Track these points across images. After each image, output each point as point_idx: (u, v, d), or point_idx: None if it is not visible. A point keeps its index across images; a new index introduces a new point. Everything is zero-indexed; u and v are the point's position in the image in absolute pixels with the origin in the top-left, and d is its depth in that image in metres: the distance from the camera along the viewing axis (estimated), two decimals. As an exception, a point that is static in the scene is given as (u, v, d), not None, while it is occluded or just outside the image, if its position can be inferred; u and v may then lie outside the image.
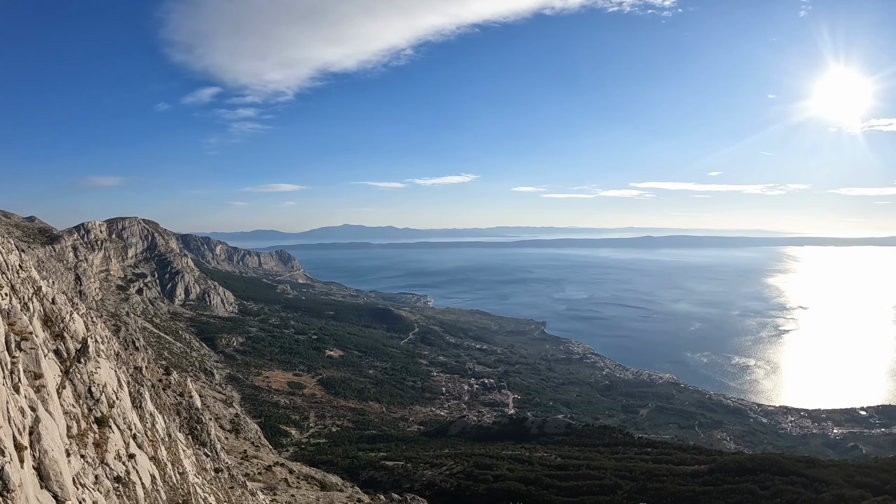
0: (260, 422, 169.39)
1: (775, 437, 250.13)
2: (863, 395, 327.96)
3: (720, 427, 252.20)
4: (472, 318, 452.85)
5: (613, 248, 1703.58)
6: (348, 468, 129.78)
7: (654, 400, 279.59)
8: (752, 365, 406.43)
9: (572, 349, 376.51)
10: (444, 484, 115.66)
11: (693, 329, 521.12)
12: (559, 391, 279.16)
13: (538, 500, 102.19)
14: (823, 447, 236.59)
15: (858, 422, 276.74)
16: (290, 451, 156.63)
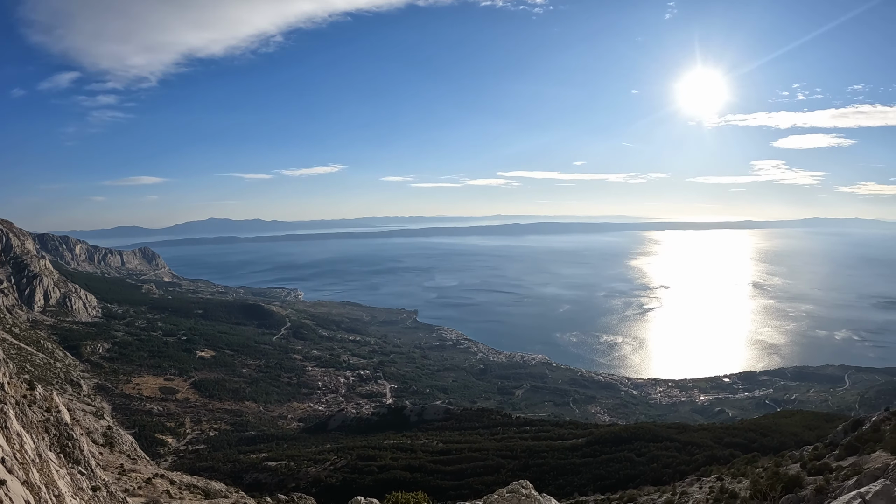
0: (134, 432, 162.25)
1: (647, 407, 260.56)
2: (725, 363, 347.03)
3: (594, 402, 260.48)
4: (344, 310, 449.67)
5: (482, 235, 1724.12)
6: (231, 473, 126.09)
7: (528, 380, 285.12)
8: (620, 342, 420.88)
9: (445, 336, 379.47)
10: (329, 479, 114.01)
11: (562, 311, 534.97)
12: (435, 378, 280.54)
13: (425, 487, 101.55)
14: (692, 413, 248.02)
15: (723, 388, 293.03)
16: (168, 460, 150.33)
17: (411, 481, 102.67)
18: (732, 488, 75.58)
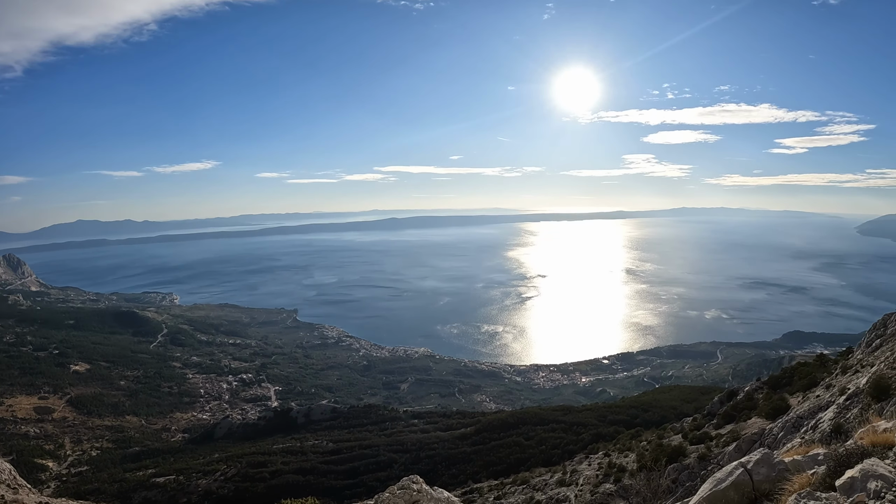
0: (12, 459, 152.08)
1: (531, 392, 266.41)
2: (604, 346, 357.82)
3: (479, 390, 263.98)
4: (223, 312, 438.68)
5: (359, 231, 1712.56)
6: (119, 493, 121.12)
7: (413, 374, 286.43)
8: (500, 331, 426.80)
9: (327, 334, 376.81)
10: (221, 490, 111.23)
11: (442, 303, 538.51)
12: (320, 377, 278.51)
13: (319, 488, 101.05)
14: (576, 395, 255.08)
15: (603, 369, 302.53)
16: (51, 486, 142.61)
17: (304, 484, 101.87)
18: (620, 462, 78.19)
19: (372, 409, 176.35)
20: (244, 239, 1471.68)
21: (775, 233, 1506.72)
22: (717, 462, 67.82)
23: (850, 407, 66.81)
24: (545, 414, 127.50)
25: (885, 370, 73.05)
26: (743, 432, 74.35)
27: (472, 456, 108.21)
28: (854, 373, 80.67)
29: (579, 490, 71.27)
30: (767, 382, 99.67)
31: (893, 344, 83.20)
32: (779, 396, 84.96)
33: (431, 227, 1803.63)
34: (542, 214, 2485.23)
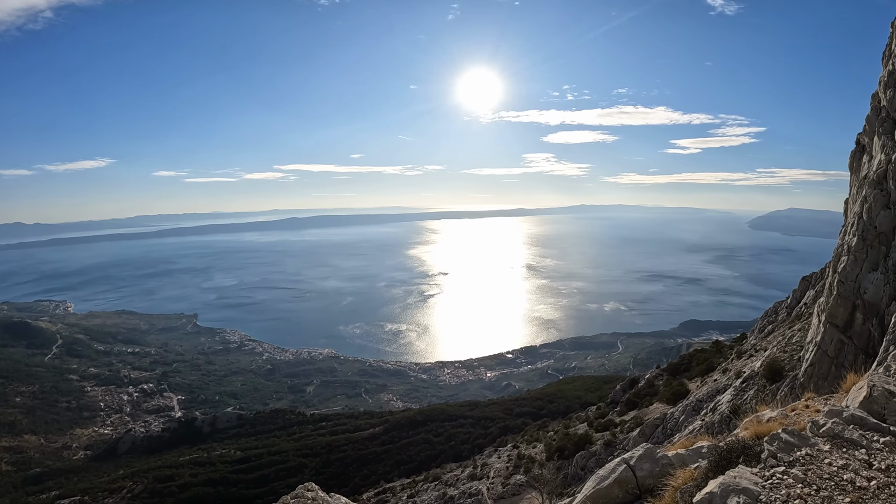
0: None
1: (437, 389, 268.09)
2: (507, 340, 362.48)
3: (385, 390, 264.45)
4: (120, 319, 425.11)
5: (259, 231, 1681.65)
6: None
7: (318, 376, 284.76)
8: (404, 329, 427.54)
9: (229, 338, 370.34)
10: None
11: (345, 303, 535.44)
12: (223, 384, 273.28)
13: (230, 499, 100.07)
14: (482, 390, 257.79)
15: (507, 363, 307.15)
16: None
17: (215, 496, 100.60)
18: (529, 453, 79.93)
19: (279, 414, 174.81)
20: (140, 241, 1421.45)
21: (671, 228, 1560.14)
22: (623, 447, 70.21)
23: (747, 389, 70.16)
24: (453, 410, 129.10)
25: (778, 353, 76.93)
26: (646, 418, 77.16)
27: (383, 456, 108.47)
28: (749, 357, 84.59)
29: (491, 483, 72.50)
30: (667, 369, 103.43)
31: (784, 329, 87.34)
32: (678, 382, 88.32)
33: (332, 227, 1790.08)
34: (444, 212, 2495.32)
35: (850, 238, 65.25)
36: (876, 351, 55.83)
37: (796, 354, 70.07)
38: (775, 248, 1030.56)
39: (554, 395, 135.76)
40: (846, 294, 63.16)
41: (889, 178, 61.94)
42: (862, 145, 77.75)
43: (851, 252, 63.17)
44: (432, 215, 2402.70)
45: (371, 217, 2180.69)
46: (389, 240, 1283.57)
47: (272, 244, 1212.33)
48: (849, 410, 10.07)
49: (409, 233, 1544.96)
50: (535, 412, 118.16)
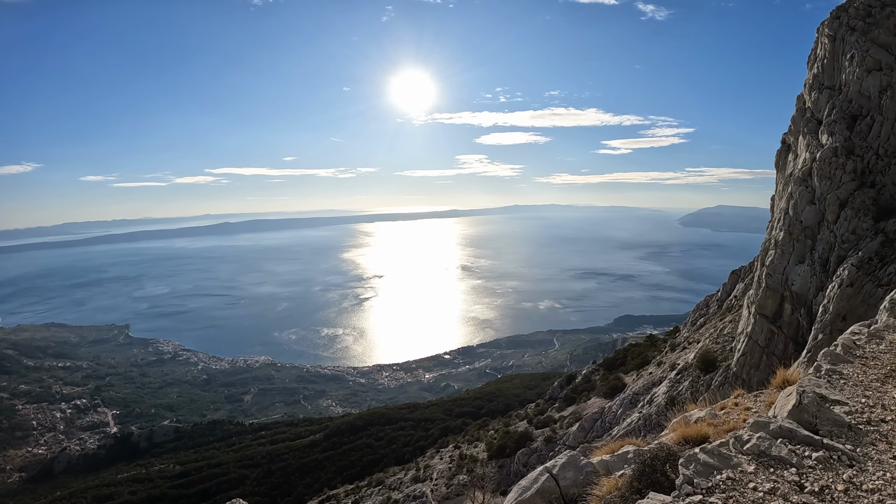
0: None
1: (376, 392, 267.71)
2: (445, 341, 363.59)
3: (324, 395, 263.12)
4: (49, 332, 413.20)
5: (191, 237, 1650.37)
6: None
7: (255, 384, 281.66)
8: (341, 334, 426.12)
9: (162, 349, 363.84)
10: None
11: (280, 309, 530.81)
12: (159, 396, 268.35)
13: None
14: (421, 392, 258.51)
15: (445, 364, 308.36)
16: None
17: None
18: (470, 453, 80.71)
19: (217, 425, 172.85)
20: (68, 249, 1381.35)
21: (603, 226, 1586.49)
22: (563, 442, 71.48)
23: (682, 380, 72.03)
24: (392, 413, 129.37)
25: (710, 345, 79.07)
26: (584, 413, 78.69)
27: (325, 462, 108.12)
28: (682, 349, 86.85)
29: (434, 485, 73.00)
30: (603, 364, 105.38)
31: (716, 321, 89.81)
32: (614, 376, 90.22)
33: (265, 231, 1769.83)
34: (378, 215, 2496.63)
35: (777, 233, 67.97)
36: (805, 339, 58.16)
37: (728, 345, 72.54)
38: (705, 243, 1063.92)
39: (493, 393, 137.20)
40: (774, 286, 65.66)
41: (814, 175, 64.93)
42: (787, 144, 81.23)
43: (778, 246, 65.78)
44: (366, 218, 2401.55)
45: (305, 220, 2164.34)
46: (324, 243, 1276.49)
47: (204, 250, 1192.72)
48: (776, 422, 9.05)
49: (343, 236, 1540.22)
50: (475, 412, 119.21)
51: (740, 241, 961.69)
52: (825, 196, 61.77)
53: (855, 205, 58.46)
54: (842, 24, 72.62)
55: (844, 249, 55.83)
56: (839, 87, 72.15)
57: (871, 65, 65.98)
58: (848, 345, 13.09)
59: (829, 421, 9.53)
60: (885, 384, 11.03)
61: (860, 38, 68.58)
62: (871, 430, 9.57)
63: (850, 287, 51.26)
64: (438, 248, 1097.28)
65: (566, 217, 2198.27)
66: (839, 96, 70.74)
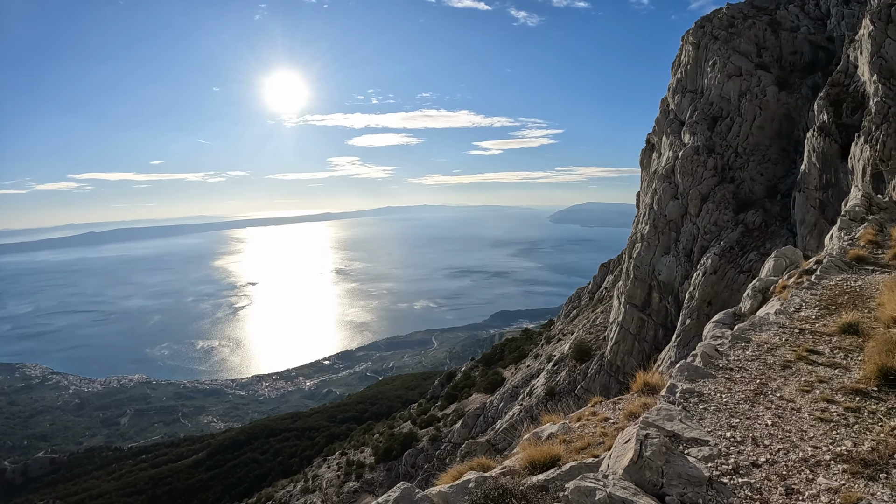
0: None
1: (257, 404, 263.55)
2: (323, 347, 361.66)
3: (204, 411, 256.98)
4: None
5: (54, 249, 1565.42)
6: None
7: (131, 405, 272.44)
8: (217, 345, 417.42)
9: (30, 374, 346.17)
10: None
11: (152, 323, 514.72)
12: (30, 426, 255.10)
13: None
14: (303, 400, 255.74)
15: (325, 370, 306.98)
16: None
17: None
18: (358, 458, 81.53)
19: (95, 453, 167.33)
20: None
21: (475, 226, 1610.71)
22: (448, 440, 73.11)
23: (559, 371, 74.75)
24: (275, 424, 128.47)
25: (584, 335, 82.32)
26: (466, 409, 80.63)
27: (211, 482, 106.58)
28: (558, 341, 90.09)
29: (325, 495, 73.49)
30: (482, 360, 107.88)
31: (588, 312, 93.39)
32: (494, 371, 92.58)
33: (133, 240, 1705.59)
34: (249, 220, 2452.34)
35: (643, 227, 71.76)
36: (674, 325, 61.68)
37: (601, 335, 76.05)
38: (575, 238, 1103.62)
39: (375, 396, 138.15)
40: (642, 277, 69.37)
41: (677, 172, 69.16)
42: (651, 144, 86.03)
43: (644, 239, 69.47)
44: (238, 223, 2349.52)
45: (174, 228, 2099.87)
46: (194, 251, 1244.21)
47: (69, 263, 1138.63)
48: (607, 486, 6.55)
49: (214, 243, 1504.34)
50: (359, 416, 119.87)
51: (609, 235, 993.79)
52: (688, 191, 66.05)
53: (716, 199, 62.92)
54: (706, 33, 78.60)
55: (707, 240, 59.93)
56: (701, 91, 77.50)
57: (731, 71, 71.50)
58: (709, 353, 11.52)
59: (681, 478, 7.01)
60: (754, 405, 9.29)
61: (722, 46, 74.31)
62: (739, 483, 7.23)
63: (713, 274, 55.27)
64: (312, 252, 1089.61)
65: (439, 217, 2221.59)
66: (701, 99, 75.92)
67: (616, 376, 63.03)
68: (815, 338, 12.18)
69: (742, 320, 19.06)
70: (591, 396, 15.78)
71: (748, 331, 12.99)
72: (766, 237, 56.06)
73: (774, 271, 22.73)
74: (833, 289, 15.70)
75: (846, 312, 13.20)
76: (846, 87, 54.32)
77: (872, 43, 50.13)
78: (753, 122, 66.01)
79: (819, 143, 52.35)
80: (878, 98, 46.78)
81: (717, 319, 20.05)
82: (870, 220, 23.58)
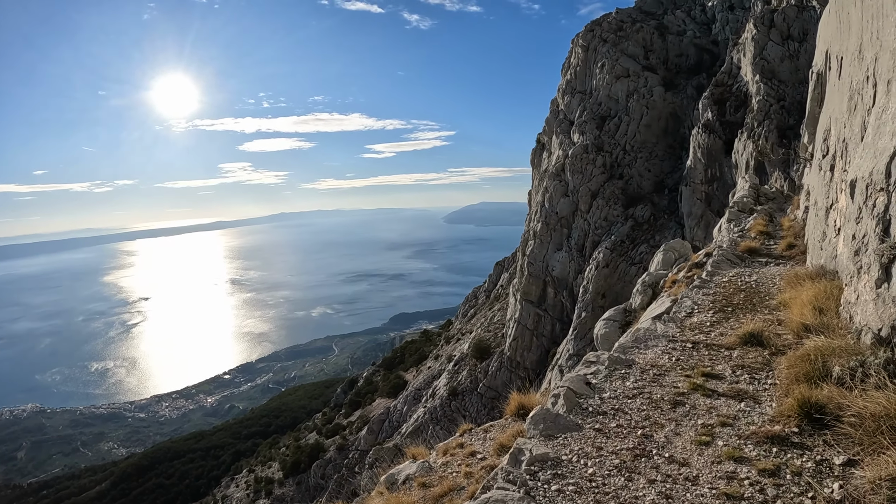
0: None
1: (159, 426, 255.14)
2: (222, 361, 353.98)
3: (104, 438, 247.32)
4: None
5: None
6: None
7: (26, 437, 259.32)
8: (111, 367, 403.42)
9: None
10: None
11: (42, 347, 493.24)
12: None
13: None
14: (206, 418, 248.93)
15: (226, 385, 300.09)
16: None
17: None
18: (266, 475, 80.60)
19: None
20: None
21: (370, 229, 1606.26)
22: (356, 447, 72.91)
23: (460, 370, 75.60)
24: (179, 446, 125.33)
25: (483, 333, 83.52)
26: (371, 415, 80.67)
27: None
28: (457, 341, 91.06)
29: (236, 515, 72.41)
30: (383, 364, 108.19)
31: (486, 311, 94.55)
32: (395, 375, 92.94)
33: (18, 258, 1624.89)
34: (140, 231, 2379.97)
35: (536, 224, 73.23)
36: (570, 318, 63.24)
37: (499, 332, 77.34)
38: (470, 238, 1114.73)
39: (279, 409, 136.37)
40: (536, 273, 70.81)
41: (567, 170, 70.95)
42: (542, 143, 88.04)
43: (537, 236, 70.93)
44: (127, 235, 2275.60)
45: (61, 242, 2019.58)
46: (83, 267, 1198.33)
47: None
48: None
49: (103, 257, 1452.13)
50: (264, 430, 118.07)
51: (503, 233, 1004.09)
52: (578, 188, 68.05)
53: (606, 195, 65.12)
54: (595, 36, 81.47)
55: (598, 235, 61.75)
56: (590, 92, 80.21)
57: (619, 72, 74.33)
58: (577, 391, 9.13)
59: None
60: (632, 478, 6.70)
61: (611, 48, 77.32)
62: None
63: (606, 268, 56.98)
64: (205, 262, 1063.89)
65: (333, 222, 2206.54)
66: (590, 99, 78.55)
67: (517, 372, 64.12)
68: (713, 354, 10.24)
69: (632, 316, 19.06)
70: (506, 398, 14.53)
71: (630, 349, 11.05)
72: (655, 230, 58.13)
73: (663, 265, 23.05)
74: (727, 286, 14.41)
75: (745, 317, 11.88)
76: (730, 86, 57.59)
77: (755, 46, 53.59)
78: (641, 120, 68.57)
79: (704, 140, 55.07)
80: (760, 97, 50.03)
81: (607, 317, 20.12)
82: (759, 211, 24.34)
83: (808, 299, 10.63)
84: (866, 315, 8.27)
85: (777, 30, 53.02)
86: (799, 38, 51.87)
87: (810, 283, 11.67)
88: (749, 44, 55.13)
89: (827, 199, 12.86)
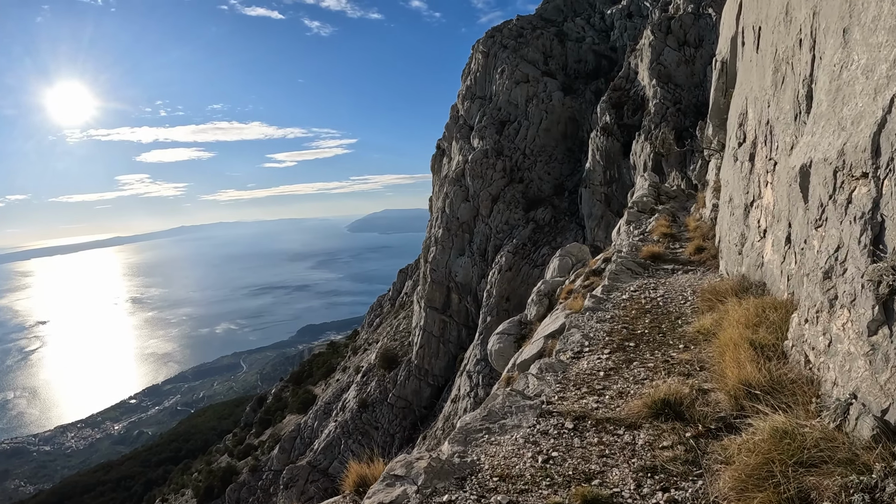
0: None
1: (66, 459, 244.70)
2: (127, 385, 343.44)
3: (9, 476, 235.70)
4: None
5: None
6: None
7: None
8: (11, 398, 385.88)
9: None
10: None
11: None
12: None
13: None
14: (114, 447, 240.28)
15: (133, 410, 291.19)
16: None
17: None
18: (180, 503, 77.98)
19: None
20: None
21: (272, 240, 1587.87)
22: (269, 468, 71.28)
23: (369, 381, 74.72)
24: (87, 479, 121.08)
25: (389, 343, 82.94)
26: (282, 433, 79.06)
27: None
28: (364, 351, 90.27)
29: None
30: (290, 379, 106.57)
31: (391, 319, 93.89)
32: (304, 390, 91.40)
33: None
34: (34, 250, 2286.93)
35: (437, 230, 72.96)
36: (475, 323, 63.30)
37: (406, 340, 77.05)
38: (374, 246, 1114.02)
39: (188, 432, 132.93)
40: (439, 279, 70.61)
41: (467, 176, 70.92)
42: (442, 149, 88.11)
43: (439, 242, 70.64)
44: (21, 255, 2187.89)
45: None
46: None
47: None
48: None
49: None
50: (175, 455, 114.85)
51: (407, 240, 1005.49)
52: (478, 193, 68.26)
53: (506, 199, 65.48)
54: (495, 42, 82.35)
55: (500, 239, 61.95)
56: (490, 97, 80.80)
57: (519, 77, 75.05)
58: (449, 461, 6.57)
59: None
60: None
61: (511, 54, 78.15)
62: None
63: (508, 271, 57.15)
64: (104, 281, 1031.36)
65: (235, 234, 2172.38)
66: (490, 105, 79.08)
67: (426, 379, 64.11)
68: (605, 441, 6.63)
69: (528, 329, 18.02)
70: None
71: (476, 437, 7.08)
72: (556, 232, 58.69)
73: (560, 271, 22.20)
74: (628, 306, 11.99)
75: (653, 356, 9.19)
76: (627, 91, 59.06)
77: (652, 51, 55.14)
78: (540, 125, 69.42)
79: (602, 142, 56.07)
80: (656, 100, 51.34)
81: (501, 330, 19.11)
82: (661, 210, 23.70)
83: (738, 332, 7.92)
84: (852, 377, 5.63)
85: (674, 36, 54.60)
86: (695, 44, 53.54)
87: (735, 301, 9.39)
88: (646, 49, 56.68)
89: (746, 195, 11.80)
